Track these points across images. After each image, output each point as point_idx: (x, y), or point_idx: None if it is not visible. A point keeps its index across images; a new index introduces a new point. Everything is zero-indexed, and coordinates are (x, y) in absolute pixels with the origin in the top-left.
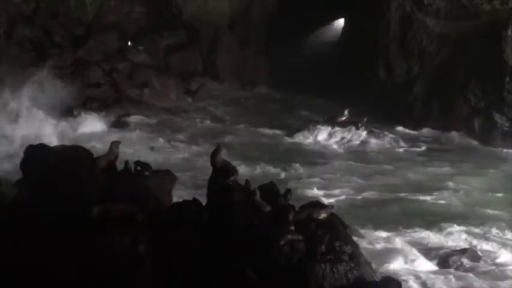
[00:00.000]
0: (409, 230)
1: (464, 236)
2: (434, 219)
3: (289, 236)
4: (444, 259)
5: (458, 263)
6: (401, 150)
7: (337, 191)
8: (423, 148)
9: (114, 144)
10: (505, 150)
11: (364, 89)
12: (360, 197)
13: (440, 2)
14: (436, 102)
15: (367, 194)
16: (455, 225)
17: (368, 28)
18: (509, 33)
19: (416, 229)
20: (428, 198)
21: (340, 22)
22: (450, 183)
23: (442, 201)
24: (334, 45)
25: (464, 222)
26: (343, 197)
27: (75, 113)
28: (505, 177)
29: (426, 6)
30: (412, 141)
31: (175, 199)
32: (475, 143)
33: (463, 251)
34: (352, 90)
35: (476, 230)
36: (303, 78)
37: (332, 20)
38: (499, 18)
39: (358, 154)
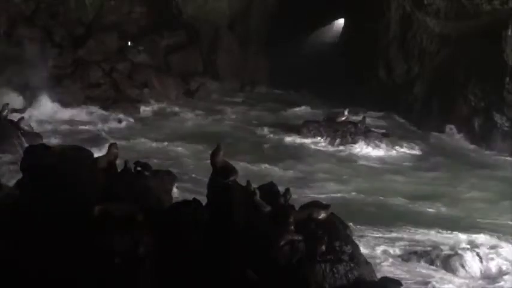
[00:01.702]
0: (400, 233)
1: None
2: (426, 224)
3: (289, 236)
4: (445, 259)
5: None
6: (399, 151)
7: (330, 193)
8: (422, 150)
9: (113, 145)
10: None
11: (364, 89)
12: (351, 200)
13: (440, 2)
14: (436, 102)
15: (361, 196)
16: (449, 230)
17: (368, 28)
18: (509, 33)
19: (407, 232)
20: (421, 203)
21: (340, 22)
22: (447, 187)
23: (436, 205)
24: (334, 45)
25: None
26: (335, 198)
27: None
28: (504, 183)
29: (426, 6)
30: (411, 142)
31: (175, 199)
32: (474, 146)
33: (463, 251)
34: (352, 90)
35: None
36: (303, 78)
37: (332, 20)
38: (499, 18)
39: (357, 155)
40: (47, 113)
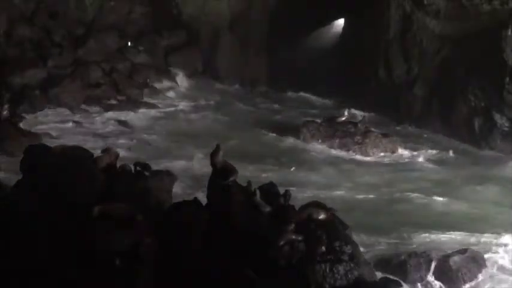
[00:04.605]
0: (401, 234)
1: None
2: (428, 224)
3: (289, 236)
4: (444, 260)
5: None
6: (399, 151)
7: (328, 193)
8: (421, 151)
9: (112, 148)
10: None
11: (364, 89)
12: (351, 200)
13: (440, 2)
14: (436, 102)
15: (359, 197)
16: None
17: (368, 28)
18: (509, 33)
19: (407, 234)
20: (419, 204)
21: (340, 22)
22: (446, 190)
23: (438, 205)
24: (334, 45)
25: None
26: (334, 199)
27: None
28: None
29: (426, 6)
30: (411, 143)
31: (175, 199)
32: (473, 147)
33: (462, 251)
34: (352, 90)
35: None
36: (302, 78)
37: (332, 20)
38: (499, 18)
39: (356, 156)
40: (46, 113)
